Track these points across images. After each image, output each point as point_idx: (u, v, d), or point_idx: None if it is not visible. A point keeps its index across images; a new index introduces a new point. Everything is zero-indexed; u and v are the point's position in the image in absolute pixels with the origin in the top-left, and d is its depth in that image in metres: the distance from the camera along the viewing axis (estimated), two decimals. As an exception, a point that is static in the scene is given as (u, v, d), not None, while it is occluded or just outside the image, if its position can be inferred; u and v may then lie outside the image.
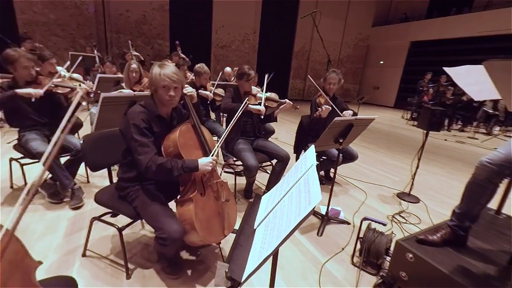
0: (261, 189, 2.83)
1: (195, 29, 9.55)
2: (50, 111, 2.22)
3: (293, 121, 6.84)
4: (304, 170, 0.95)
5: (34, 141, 2.05)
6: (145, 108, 1.41)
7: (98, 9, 7.85)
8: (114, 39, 8.46)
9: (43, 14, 7.24)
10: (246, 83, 2.37)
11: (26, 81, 2.07)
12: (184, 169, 1.35)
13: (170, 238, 1.29)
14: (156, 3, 8.77)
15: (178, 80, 1.38)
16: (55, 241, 1.76)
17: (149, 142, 1.35)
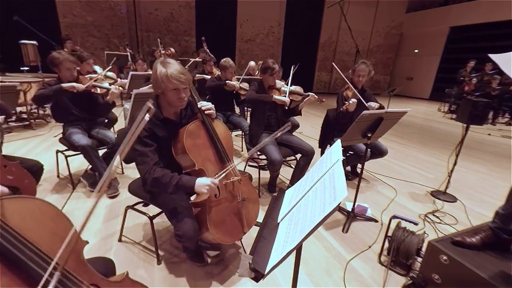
0: (285, 184, 2.83)
1: (220, 24, 9.64)
2: (89, 107, 2.41)
3: (319, 115, 6.67)
4: (330, 165, 0.93)
5: (76, 134, 2.25)
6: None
7: (130, 9, 8.25)
8: (144, 37, 8.85)
9: (81, 17, 7.79)
10: (270, 77, 2.35)
11: (69, 81, 2.26)
12: (179, 187, 1.29)
13: (185, 236, 1.32)
14: (182, 1, 8.98)
15: (186, 80, 1.29)
16: (95, 226, 1.93)
17: (148, 152, 1.31)
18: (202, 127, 1.46)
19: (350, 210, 2.18)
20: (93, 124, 2.47)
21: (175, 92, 1.30)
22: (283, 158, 2.26)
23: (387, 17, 12.40)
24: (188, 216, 1.37)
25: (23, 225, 0.60)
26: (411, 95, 12.93)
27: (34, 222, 0.65)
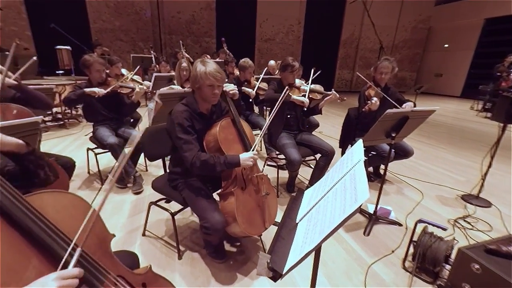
0: (304, 184, 2.79)
1: (239, 24, 9.72)
2: (116, 107, 2.54)
3: (339, 114, 6.50)
4: (351, 165, 0.91)
5: (104, 133, 2.38)
6: (187, 106, 1.48)
7: (154, 13, 8.57)
8: (167, 40, 9.15)
9: (110, 22, 8.22)
10: (290, 75, 2.33)
11: (98, 83, 2.40)
12: (227, 164, 1.40)
13: (212, 228, 1.37)
14: (203, 3, 9.16)
15: (221, 78, 1.42)
16: (120, 220, 2.04)
17: (192, 140, 1.43)
18: (232, 124, 1.58)
19: (372, 212, 2.11)
20: (119, 123, 2.60)
21: (210, 88, 1.42)
22: (302, 158, 2.24)
23: (414, 11, 11.77)
24: (215, 209, 1.44)
25: (56, 217, 0.65)
26: (440, 93, 12.18)
27: (66, 215, 0.70)
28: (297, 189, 2.61)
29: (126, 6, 8.21)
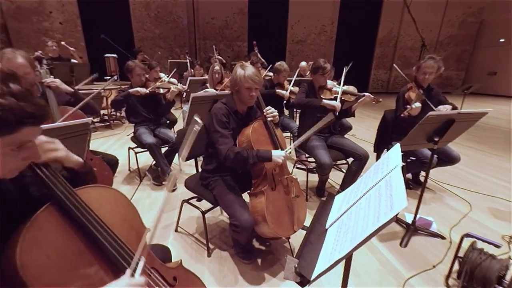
0: (335, 188, 2.70)
1: (271, 27, 9.76)
2: (154, 108, 2.72)
3: (375, 116, 6.16)
4: (386, 171, 0.86)
5: (143, 134, 2.56)
6: (225, 105, 1.57)
7: (190, 20, 9.02)
8: (202, 45, 9.55)
9: (150, 31, 8.84)
10: (321, 77, 2.28)
11: (138, 86, 2.60)
12: (259, 157, 1.45)
13: (241, 226, 1.40)
14: (236, 8, 9.39)
15: (259, 81, 1.50)
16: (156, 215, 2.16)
17: (228, 134, 1.51)
18: (264, 126, 1.63)
19: (410, 222, 1.96)
20: (157, 124, 2.78)
21: (248, 90, 1.50)
22: (333, 161, 2.17)
23: (462, 4, 10.72)
24: (245, 208, 1.48)
25: (101, 210, 0.72)
26: (494, 93, 10.86)
27: (109, 208, 0.76)
28: (327, 193, 2.53)
29: (165, 15, 8.76)
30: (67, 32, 7.80)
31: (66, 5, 7.58)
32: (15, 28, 7.22)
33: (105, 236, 0.68)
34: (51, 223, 0.62)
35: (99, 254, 0.68)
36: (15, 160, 0.55)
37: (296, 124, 3.16)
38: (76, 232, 0.66)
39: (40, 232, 0.60)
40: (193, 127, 0.76)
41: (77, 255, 0.65)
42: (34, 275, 0.56)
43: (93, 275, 0.66)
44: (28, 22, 7.31)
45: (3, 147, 0.51)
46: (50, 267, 0.59)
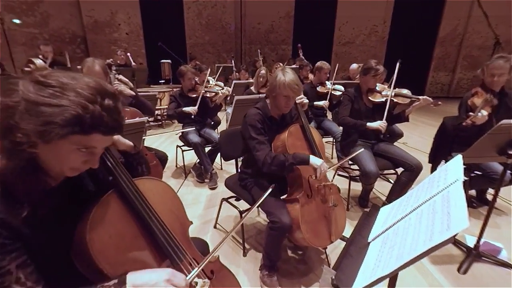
0: (380, 199, 2.50)
1: (317, 30, 9.56)
2: (201, 111, 2.89)
3: (431, 123, 5.54)
4: (444, 185, 0.77)
5: (190, 134, 2.75)
6: (260, 110, 1.56)
7: (237, 26, 9.38)
8: (247, 50, 9.84)
9: (201, 37, 9.45)
10: (372, 79, 2.13)
11: (188, 89, 2.80)
12: (296, 159, 1.40)
13: (280, 222, 1.37)
14: (283, 11, 9.45)
15: (298, 91, 1.46)
16: (197, 211, 2.30)
17: (265, 140, 1.50)
18: (301, 130, 1.59)
19: (472, 246, 1.70)
20: (203, 125, 2.96)
21: (285, 98, 1.47)
22: (380, 170, 2.01)
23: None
24: (284, 208, 1.46)
25: (153, 200, 0.79)
26: None
27: (159, 199, 0.84)
28: (372, 204, 2.35)
29: (215, 22, 9.28)
30: (131, 41, 8.82)
31: (132, 17, 8.59)
32: (92, 39, 8.44)
33: (156, 224, 0.76)
34: (113, 207, 0.72)
35: (150, 240, 0.76)
36: (77, 159, 0.61)
37: (339, 129, 3.02)
38: (133, 217, 0.74)
39: (104, 214, 0.69)
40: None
41: (132, 238, 0.73)
42: (98, 249, 0.65)
43: (143, 259, 0.74)
44: (102, 33, 8.48)
45: (72, 143, 0.57)
46: (110, 245, 0.68)
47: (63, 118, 0.53)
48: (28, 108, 0.54)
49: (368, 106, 2.23)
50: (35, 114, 0.53)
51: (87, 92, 0.56)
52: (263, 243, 1.54)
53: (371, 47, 9.98)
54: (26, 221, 0.58)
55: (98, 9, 8.21)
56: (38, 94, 0.54)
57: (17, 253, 0.57)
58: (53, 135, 0.54)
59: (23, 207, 0.58)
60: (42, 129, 0.53)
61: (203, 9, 9.02)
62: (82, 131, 0.56)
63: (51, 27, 7.43)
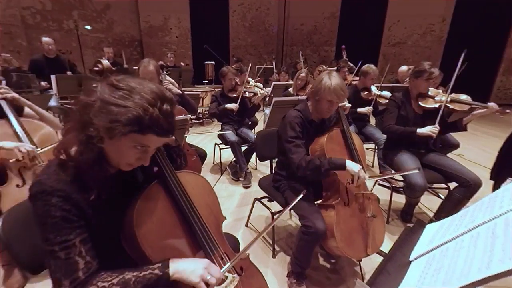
0: (427, 215, 2.28)
1: (363, 30, 9.08)
2: (240, 111, 2.97)
3: (496, 134, 4.84)
4: (508, 207, 0.67)
5: (228, 133, 2.84)
6: (300, 112, 1.53)
7: (280, 28, 9.41)
8: (288, 51, 9.80)
9: (244, 39, 9.70)
10: (424, 83, 1.94)
11: (229, 89, 2.90)
12: (331, 164, 1.35)
13: (314, 227, 1.33)
14: (327, 12, 9.20)
15: (343, 96, 1.40)
16: (230, 207, 2.36)
17: (301, 144, 1.46)
18: (341, 135, 1.53)
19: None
20: (240, 125, 3.03)
21: (328, 103, 1.42)
22: (428, 183, 1.83)
23: None
24: (319, 214, 1.42)
25: (192, 192, 0.85)
26: None
27: (198, 192, 0.89)
28: (416, 220, 2.14)
29: (258, 24, 9.44)
30: (180, 44, 9.46)
31: (182, 22, 9.20)
32: (147, 42, 9.27)
33: (193, 215, 0.81)
34: (157, 196, 0.78)
35: (187, 230, 0.81)
36: (132, 156, 0.68)
37: (382, 135, 2.82)
38: (173, 207, 0.80)
39: (149, 202, 0.76)
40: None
41: (172, 226, 0.79)
42: (143, 233, 0.72)
43: (180, 247, 0.79)
44: (155, 37, 9.26)
45: (131, 141, 0.65)
46: (153, 230, 0.74)
47: (126, 118, 0.60)
48: (102, 106, 0.62)
49: (417, 112, 2.04)
50: (105, 112, 0.62)
51: (149, 96, 0.63)
52: (293, 247, 1.52)
53: (426, 47, 9.11)
54: (91, 203, 0.67)
55: (153, 15, 8.99)
56: (111, 95, 0.63)
57: (81, 230, 0.66)
58: (117, 132, 0.61)
59: (91, 191, 0.67)
60: (109, 126, 0.61)
61: (247, 11, 9.25)
62: (140, 131, 0.63)
63: (114, 32, 8.37)
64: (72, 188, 0.65)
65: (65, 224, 0.63)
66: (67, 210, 0.63)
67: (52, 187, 0.63)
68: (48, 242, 0.62)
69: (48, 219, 0.62)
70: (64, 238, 0.62)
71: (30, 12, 6.46)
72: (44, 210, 0.62)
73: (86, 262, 0.64)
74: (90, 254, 0.66)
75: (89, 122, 0.63)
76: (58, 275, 0.62)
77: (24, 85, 3.24)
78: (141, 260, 0.73)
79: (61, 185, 0.64)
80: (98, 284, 0.62)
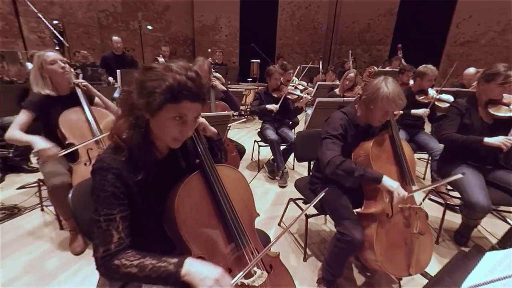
0: (488, 241, 1.98)
1: (425, 27, 8.19)
2: (282, 111, 2.95)
3: None
4: None
5: (268, 130, 2.86)
6: (345, 115, 1.45)
7: (329, 26, 9.06)
8: (337, 50, 9.39)
9: (290, 38, 9.60)
10: (498, 88, 1.67)
11: (273, 88, 2.91)
12: (366, 173, 1.26)
13: (350, 236, 1.26)
14: (384, 8, 8.53)
15: (401, 105, 1.29)
16: (265, 205, 2.38)
17: (339, 145, 1.39)
18: (390, 142, 1.43)
19: None
20: (281, 124, 3.02)
21: (384, 113, 1.32)
22: (492, 204, 1.59)
23: None
24: (356, 221, 1.34)
25: (228, 186, 0.88)
26: None
27: (234, 186, 0.92)
28: (474, 244, 1.87)
29: (306, 23, 9.24)
30: (228, 42, 9.80)
31: (232, 21, 9.52)
32: (198, 41, 9.83)
33: (228, 207, 0.84)
34: (196, 186, 0.84)
35: (221, 221, 0.85)
36: (175, 129, 0.73)
37: (438, 145, 2.52)
38: (210, 197, 0.85)
39: (190, 190, 0.81)
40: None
41: (207, 216, 0.84)
42: (182, 218, 0.77)
43: (213, 237, 0.83)
44: (206, 36, 9.76)
45: (168, 113, 0.70)
46: (191, 217, 0.80)
47: (161, 89, 0.68)
48: (139, 88, 0.72)
49: (486, 121, 1.77)
50: (143, 91, 0.70)
51: (176, 68, 0.70)
52: (326, 254, 1.47)
53: (504, 47, 7.82)
54: (138, 183, 0.75)
55: (206, 15, 9.49)
56: (144, 76, 0.71)
57: (124, 208, 0.74)
58: (154, 105, 0.69)
59: (139, 172, 0.75)
60: (147, 100, 0.69)
61: (296, 10, 9.13)
62: (173, 99, 0.69)
63: (171, 31, 9.08)
64: (124, 168, 0.74)
65: (113, 200, 0.71)
66: (117, 187, 0.72)
67: (109, 165, 0.72)
68: (96, 212, 0.71)
69: (101, 192, 0.71)
70: (109, 211, 0.71)
71: (104, 14, 7.39)
72: (100, 184, 0.72)
73: (120, 237, 0.72)
74: (126, 231, 0.73)
75: (133, 104, 0.73)
76: (97, 242, 0.71)
77: (96, 78, 3.73)
78: (178, 242, 0.79)
79: (116, 163, 0.73)
80: (122, 260, 0.69)
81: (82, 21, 6.75)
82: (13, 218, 1.98)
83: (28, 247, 1.72)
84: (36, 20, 5.55)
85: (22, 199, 2.20)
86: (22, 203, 2.15)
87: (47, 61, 1.59)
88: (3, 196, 2.26)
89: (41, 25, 5.70)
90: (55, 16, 5.92)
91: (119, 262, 0.69)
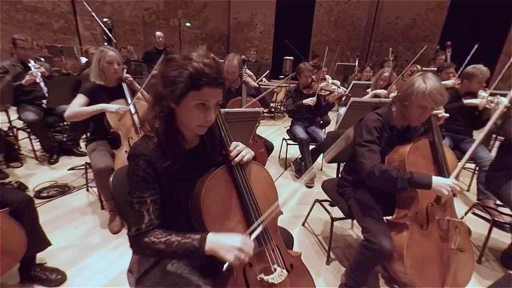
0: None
1: (480, 23, 7.33)
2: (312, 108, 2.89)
3: None
4: None
5: (298, 129, 2.82)
6: (380, 117, 1.37)
7: (369, 22, 8.57)
8: (376, 48, 8.86)
9: (327, 35, 9.29)
10: None
11: (304, 86, 2.85)
12: (411, 182, 1.16)
13: (379, 245, 1.20)
14: (433, 3, 7.83)
15: (442, 102, 1.21)
16: (289, 204, 2.36)
17: (377, 150, 1.31)
18: (430, 148, 1.32)
19: None
20: (311, 123, 2.96)
21: (420, 109, 1.23)
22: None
23: None
24: (386, 230, 1.28)
25: (253, 182, 0.89)
26: None
27: (259, 183, 0.93)
28: (524, 268, 1.66)
29: (344, 19, 8.87)
30: (263, 39, 9.82)
31: (267, 17, 9.50)
32: (233, 37, 10.00)
33: (251, 203, 0.85)
34: (222, 179, 0.86)
35: (243, 216, 0.86)
36: (199, 115, 0.76)
37: (488, 155, 2.26)
38: (235, 192, 0.87)
39: (216, 183, 0.84)
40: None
41: (231, 209, 0.86)
42: (206, 209, 0.80)
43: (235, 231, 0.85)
44: (241, 33, 9.89)
45: (191, 100, 0.74)
46: (215, 209, 0.82)
47: (182, 77, 0.72)
48: (162, 77, 0.76)
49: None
50: (166, 81, 0.75)
51: (196, 57, 0.74)
52: (351, 260, 1.41)
53: None
54: (166, 169, 0.80)
55: (242, 12, 9.59)
56: (167, 68, 0.75)
57: (154, 192, 0.80)
58: (178, 92, 0.72)
59: (167, 159, 0.80)
60: (171, 89, 0.73)
61: (334, 6, 8.80)
62: (194, 86, 0.72)
63: (207, 28, 9.36)
64: (154, 155, 0.79)
65: (144, 184, 0.77)
66: (147, 173, 0.78)
67: (141, 152, 0.78)
68: (130, 194, 0.78)
69: (134, 176, 0.78)
70: (141, 194, 0.77)
71: (148, 13, 7.87)
72: (133, 169, 0.78)
73: (150, 218, 0.78)
74: (156, 213, 0.79)
75: (159, 95, 0.78)
76: (130, 221, 0.78)
77: (138, 72, 4.01)
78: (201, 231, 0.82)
79: (147, 151, 0.79)
80: (151, 238, 0.76)
81: (128, 19, 7.27)
82: (63, 196, 2.24)
83: (74, 222, 1.93)
84: (90, 18, 6.11)
85: (71, 179, 2.47)
86: (71, 183, 2.41)
87: (105, 59, 1.78)
88: (57, 175, 2.55)
89: (93, 23, 6.28)
90: (105, 14, 6.46)
91: (149, 239, 0.76)
